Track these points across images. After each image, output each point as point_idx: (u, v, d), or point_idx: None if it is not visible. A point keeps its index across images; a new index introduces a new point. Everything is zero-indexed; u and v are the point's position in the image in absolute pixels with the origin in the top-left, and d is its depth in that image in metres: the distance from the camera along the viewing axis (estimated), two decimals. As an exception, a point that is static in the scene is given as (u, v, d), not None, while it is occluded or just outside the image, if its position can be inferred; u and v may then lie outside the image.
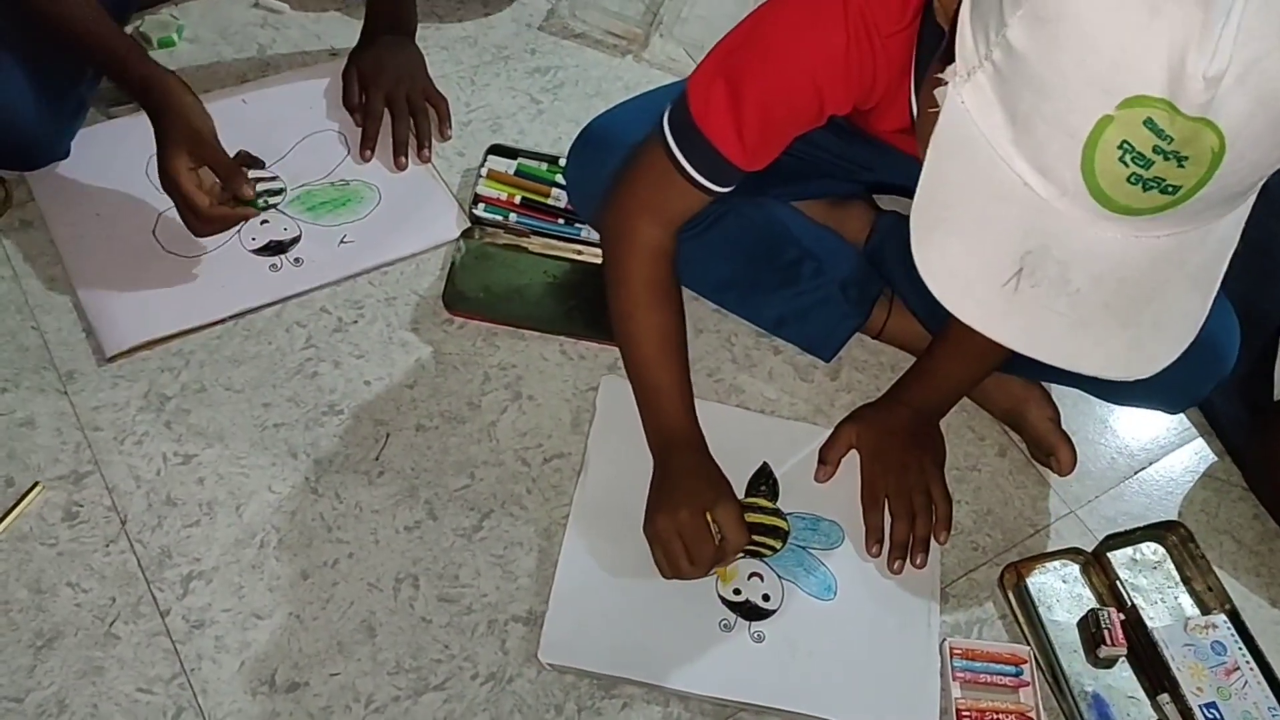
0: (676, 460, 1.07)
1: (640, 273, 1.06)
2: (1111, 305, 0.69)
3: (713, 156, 0.96)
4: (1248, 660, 1.10)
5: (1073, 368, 0.71)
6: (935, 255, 0.70)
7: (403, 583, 1.08)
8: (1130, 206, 0.65)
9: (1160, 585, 1.16)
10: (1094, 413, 1.29)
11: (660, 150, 0.98)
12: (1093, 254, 0.67)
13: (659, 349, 1.07)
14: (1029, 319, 0.69)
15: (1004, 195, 0.67)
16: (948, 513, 1.14)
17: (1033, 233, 0.67)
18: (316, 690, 1.01)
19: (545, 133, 1.46)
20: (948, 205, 0.70)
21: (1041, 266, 0.68)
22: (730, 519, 1.03)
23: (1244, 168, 0.63)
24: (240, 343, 1.22)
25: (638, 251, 1.05)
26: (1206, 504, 1.25)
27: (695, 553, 1.02)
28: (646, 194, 1.03)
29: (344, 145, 1.39)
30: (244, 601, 1.05)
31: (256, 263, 1.27)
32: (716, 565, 1.06)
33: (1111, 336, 0.70)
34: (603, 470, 1.14)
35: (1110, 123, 0.62)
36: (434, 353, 1.24)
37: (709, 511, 1.03)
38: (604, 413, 1.19)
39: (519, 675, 1.04)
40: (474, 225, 1.33)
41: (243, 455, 1.14)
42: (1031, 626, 1.11)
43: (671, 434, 1.07)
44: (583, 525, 1.11)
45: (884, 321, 1.27)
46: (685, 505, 1.03)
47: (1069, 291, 0.68)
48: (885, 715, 1.04)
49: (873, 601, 1.11)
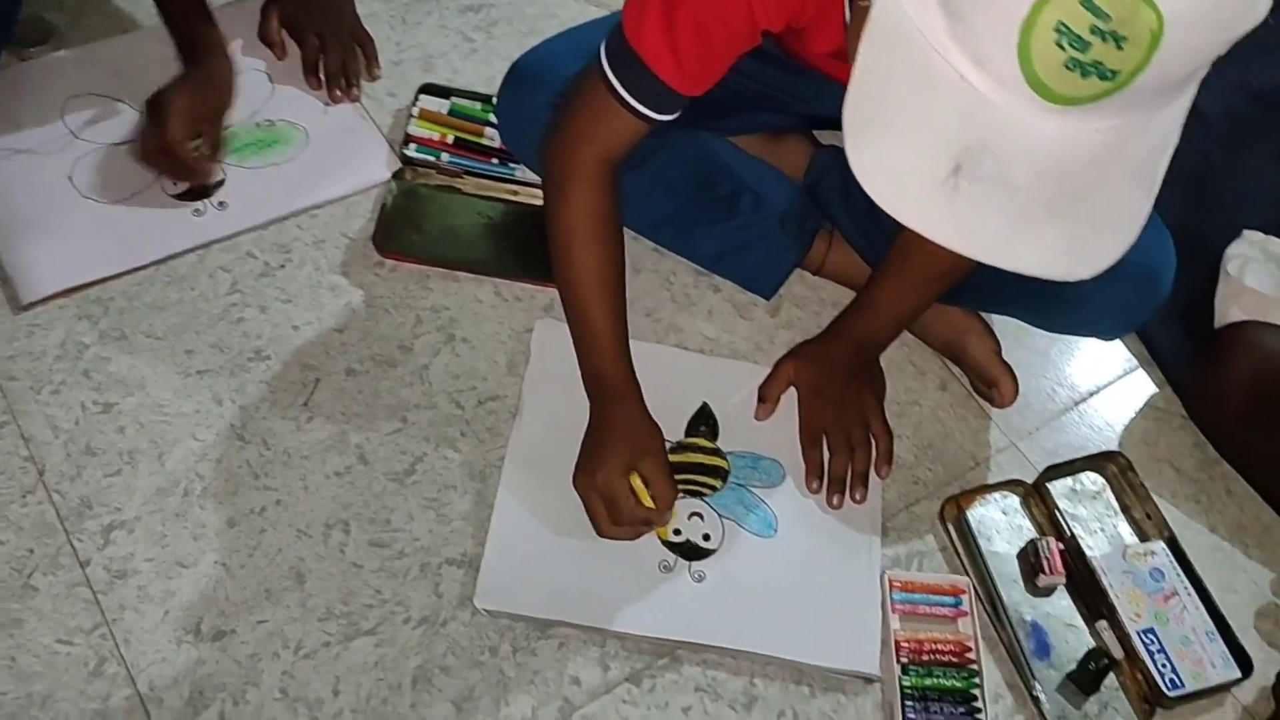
0: (608, 410, 1.04)
1: (580, 207, 1.03)
2: (1052, 202, 0.67)
3: (651, 82, 0.94)
4: (1185, 586, 1.10)
5: (1014, 268, 0.69)
6: (870, 155, 0.68)
7: (333, 528, 1.05)
8: (1069, 95, 0.63)
9: (1099, 515, 1.16)
10: (1034, 346, 1.28)
11: (598, 79, 0.96)
12: (1032, 149, 0.65)
13: (596, 286, 1.04)
14: (968, 218, 0.67)
15: (940, 90, 0.65)
16: (888, 447, 1.13)
17: (971, 128, 0.65)
18: (244, 638, 0.98)
19: (479, 72, 1.43)
20: (882, 103, 0.68)
21: (980, 163, 0.66)
22: (656, 475, 1.00)
23: (1182, 52, 0.62)
24: (162, 289, 1.18)
25: (578, 185, 1.02)
26: (1147, 434, 1.24)
27: (615, 514, 1.00)
28: (586, 125, 1.00)
29: (268, 84, 1.34)
30: (167, 551, 1.02)
31: (179, 207, 1.23)
32: (647, 527, 1.03)
33: (1053, 235, 0.68)
34: (538, 413, 1.12)
35: (1047, 3, 0.60)
36: (364, 296, 1.21)
37: (636, 467, 1.00)
38: (539, 356, 1.16)
39: (453, 619, 1.02)
40: (405, 166, 1.29)
41: (165, 403, 1.10)
42: (971, 558, 1.11)
43: (603, 379, 1.05)
44: (518, 469, 1.09)
45: (824, 256, 1.25)
46: (606, 465, 1.00)
47: (1009, 188, 0.66)
48: (826, 650, 1.03)
49: (813, 538, 1.10)
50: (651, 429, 1.04)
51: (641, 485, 1.00)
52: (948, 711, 1.01)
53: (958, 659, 1.04)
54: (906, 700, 1.01)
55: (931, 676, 1.03)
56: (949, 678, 1.03)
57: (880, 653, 1.03)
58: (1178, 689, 1.03)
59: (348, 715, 0.96)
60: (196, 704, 0.95)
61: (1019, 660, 1.05)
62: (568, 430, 1.07)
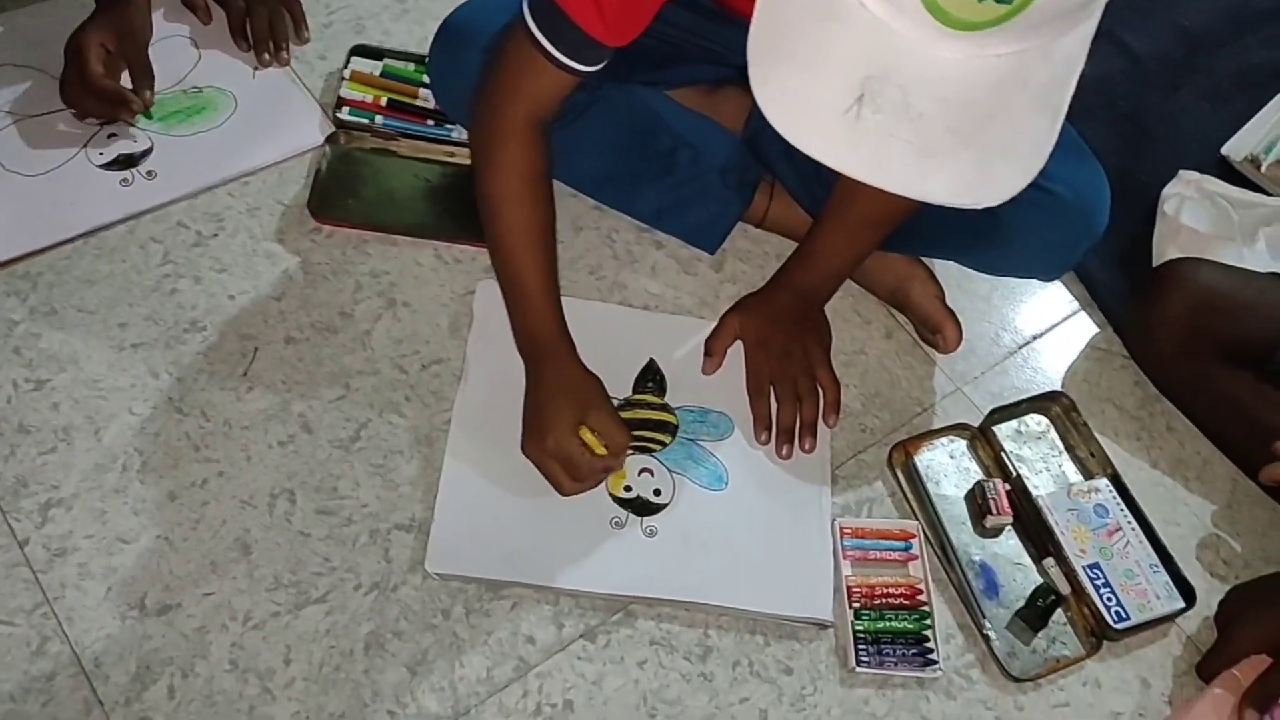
0: (544, 371, 1.03)
1: (508, 166, 1.01)
2: (956, 129, 0.67)
3: (573, 33, 0.92)
4: (1129, 521, 1.11)
5: (920, 196, 0.69)
6: (774, 87, 0.68)
7: (278, 498, 1.04)
8: (968, 20, 0.63)
9: (1044, 455, 1.17)
10: (978, 291, 1.29)
11: (521, 34, 0.94)
12: (934, 76, 0.65)
13: (525, 245, 1.03)
14: (873, 148, 0.67)
15: (840, 18, 0.65)
16: (836, 396, 1.14)
17: (872, 57, 0.65)
18: (190, 611, 0.97)
19: (411, 32, 1.40)
20: (783, 35, 0.67)
21: (883, 92, 0.65)
22: (606, 425, 1.00)
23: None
24: (91, 262, 1.15)
25: (505, 143, 1.00)
26: (1089, 374, 1.26)
27: (574, 472, 1.00)
28: (512, 80, 0.98)
29: (194, 50, 1.31)
30: (108, 527, 1.00)
31: (105, 178, 1.20)
32: (607, 473, 1.04)
33: (958, 162, 0.68)
34: (483, 375, 1.11)
35: None
36: (302, 263, 1.19)
37: (583, 423, 1.00)
38: (481, 318, 1.15)
39: (404, 583, 1.01)
40: (339, 130, 1.27)
41: (99, 378, 1.08)
42: (920, 502, 1.12)
43: (537, 339, 1.04)
44: (465, 432, 1.08)
45: (765, 209, 1.25)
46: (552, 429, 1.00)
47: (912, 117, 0.66)
48: (780, 599, 1.03)
49: (764, 489, 1.10)
50: (590, 381, 1.04)
51: (593, 438, 1.00)
52: (900, 653, 1.02)
53: (909, 602, 1.05)
54: (860, 644, 1.02)
55: (884, 620, 1.04)
56: (901, 620, 1.04)
57: (833, 599, 1.04)
58: (1123, 621, 1.05)
59: (300, 684, 0.95)
60: (144, 679, 0.93)
61: (969, 600, 1.06)
62: (513, 391, 1.06)
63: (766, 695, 1.00)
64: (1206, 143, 1.44)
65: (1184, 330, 1.15)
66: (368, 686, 0.96)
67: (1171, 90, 1.50)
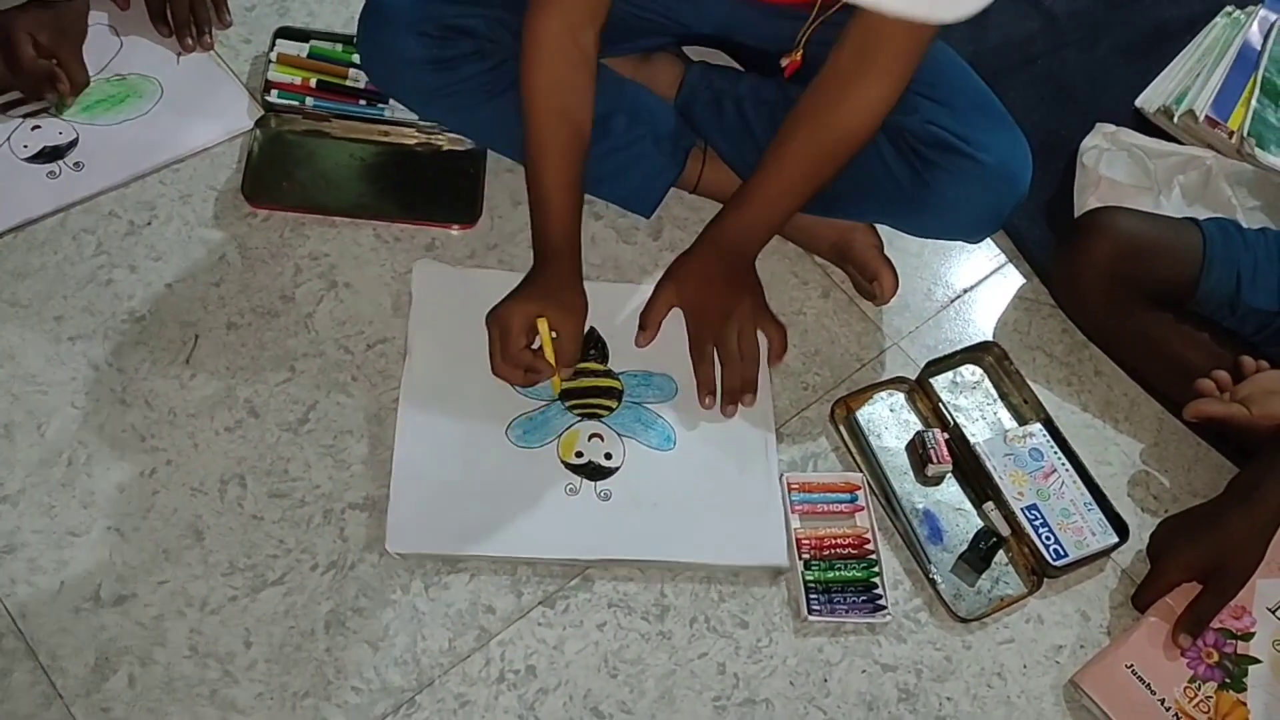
0: (542, 266, 1.09)
1: (541, 75, 1.05)
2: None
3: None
4: (1063, 463, 1.15)
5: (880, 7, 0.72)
6: None
7: (229, 483, 1.04)
8: None
9: (980, 404, 1.21)
10: (909, 249, 1.32)
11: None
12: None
13: (548, 153, 1.07)
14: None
15: None
16: (782, 339, 1.17)
17: None
18: (146, 600, 0.97)
19: (337, 13, 1.39)
20: None
21: None
22: (564, 329, 1.06)
23: None
24: (23, 255, 1.13)
25: (539, 55, 1.04)
26: (1019, 324, 1.30)
27: (505, 348, 1.05)
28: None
29: (114, 37, 1.29)
30: (56, 521, 0.99)
31: (32, 171, 1.18)
32: (532, 373, 1.08)
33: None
34: (427, 353, 1.12)
35: None
36: (239, 248, 1.18)
37: (547, 315, 1.05)
38: (420, 297, 1.15)
39: (361, 561, 1.02)
40: (268, 113, 1.26)
41: (38, 373, 1.06)
42: (863, 454, 1.15)
43: (547, 241, 1.09)
44: (414, 410, 1.08)
45: (699, 174, 1.26)
46: (516, 302, 1.05)
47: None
48: (735, 549, 1.06)
49: (711, 445, 1.12)
50: (577, 291, 1.09)
51: (546, 332, 1.05)
52: (851, 600, 1.05)
53: (857, 551, 1.08)
54: (811, 593, 1.05)
55: (833, 570, 1.07)
56: (850, 569, 1.07)
57: (787, 545, 1.07)
58: (1062, 558, 1.09)
59: (262, 665, 0.95)
60: (103, 670, 0.93)
61: (914, 546, 1.10)
62: (458, 366, 1.08)
63: (724, 649, 1.03)
64: (1123, 96, 1.48)
65: (1107, 276, 1.19)
66: (330, 664, 0.96)
67: (1089, 48, 1.55)
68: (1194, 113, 1.41)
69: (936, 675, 1.05)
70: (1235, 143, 1.40)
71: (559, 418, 1.11)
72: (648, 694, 1.00)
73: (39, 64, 1.16)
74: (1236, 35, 1.51)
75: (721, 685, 1.01)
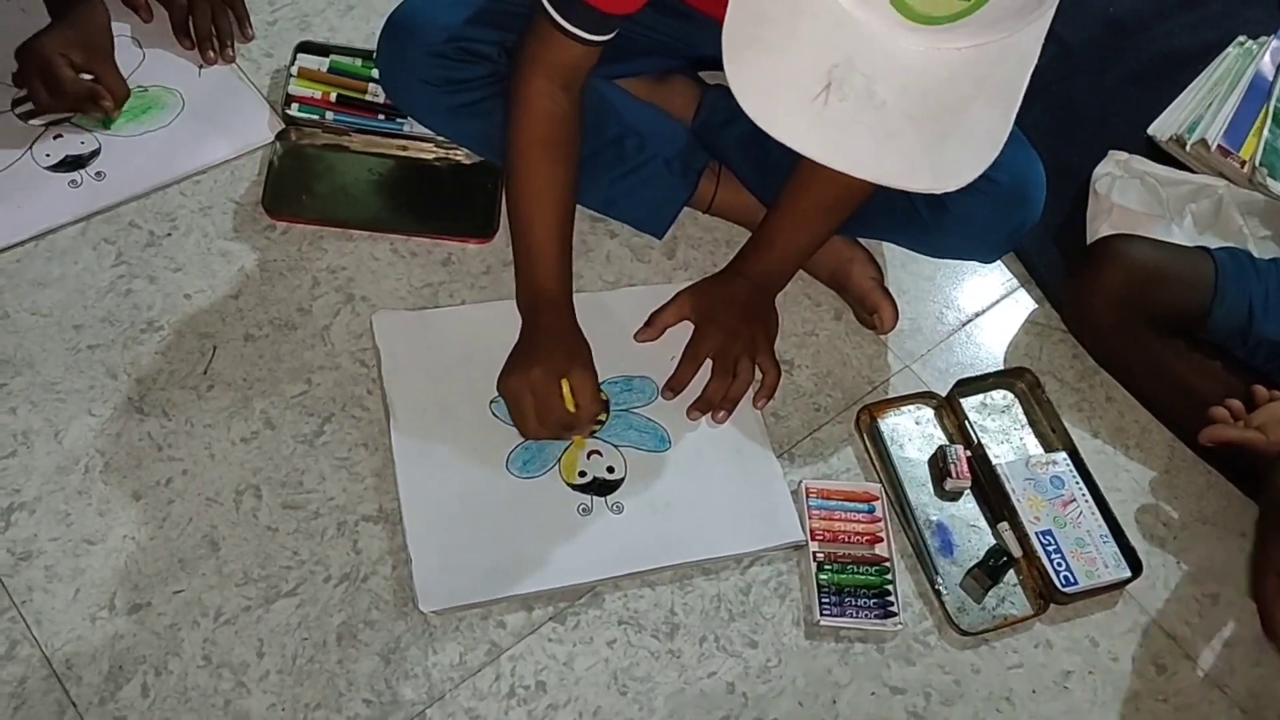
0: (542, 320, 1.08)
1: (528, 130, 1.06)
2: (916, 117, 0.71)
3: (580, 6, 0.97)
4: (1084, 494, 1.16)
5: (880, 180, 0.73)
6: (747, 73, 0.72)
7: (244, 494, 1.04)
8: (929, 15, 0.67)
9: (1006, 427, 1.22)
10: (921, 272, 1.33)
11: (540, 10, 1.00)
12: (896, 66, 0.69)
13: (535, 203, 1.08)
14: (838, 133, 0.71)
15: (811, 11, 0.69)
16: (775, 381, 1.17)
17: (838, 46, 0.69)
18: (160, 609, 0.97)
19: (358, 28, 1.40)
20: (756, 24, 0.71)
21: (848, 80, 0.69)
22: (584, 386, 1.05)
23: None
24: (43, 264, 1.14)
25: (528, 110, 1.06)
26: (1030, 348, 1.30)
27: (543, 412, 1.04)
28: (532, 50, 1.04)
29: (137, 49, 1.30)
30: (73, 529, 1.00)
31: (53, 180, 1.19)
32: (569, 431, 1.08)
33: (917, 149, 0.72)
34: (409, 405, 1.10)
35: None
36: (258, 260, 1.19)
37: (565, 377, 1.04)
38: (388, 350, 1.13)
39: (373, 574, 1.02)
40: (289, 126, 1.27)
41: (57, 380, 1.07)
42: (882, 462, 1.16)
43: (539, 292, 1.09)
44: (412, 467, 1.07)
45: (712, 194, 1.27)
46: (539, 365, 1.04)
47: (875, 105, 0.70)
48: (753, 535, 1.08)
49: (704, 438, 1.14)
50: (581, 341, 1.08)
51: (569, 393, 1.04)
52: (862, 604, 1.06)
53: (871, 558, 1.09)
54: (824, 595, 1.06)
55: (846, 574, 1.07)
56: (864, 574, 1.08)
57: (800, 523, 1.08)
58: (1071, 585, 1.09)
59: (274, 676, 0.96)
60: (117, 678, 0.93)
61: (923, 556, 1.10)
62: (443, 412, 1.09)
63: (733, 669, 1.03)
64: (1134, 124, 1.49)
65: (1119, 303, 1.20)
66: (342, 676, 0.97)
67: (1100, 75, 1.56)
68: (1206, 142, 1.42)
69: (945, 698, 1.05)
70: (1247, 172, 1.40)
71: (555, 441, 1.11)
72: (657, 712, 1.00)
73: (80, 83, 1.16)
74: (1249, 66, 1.52)
75: (730, 705, 1.01)
